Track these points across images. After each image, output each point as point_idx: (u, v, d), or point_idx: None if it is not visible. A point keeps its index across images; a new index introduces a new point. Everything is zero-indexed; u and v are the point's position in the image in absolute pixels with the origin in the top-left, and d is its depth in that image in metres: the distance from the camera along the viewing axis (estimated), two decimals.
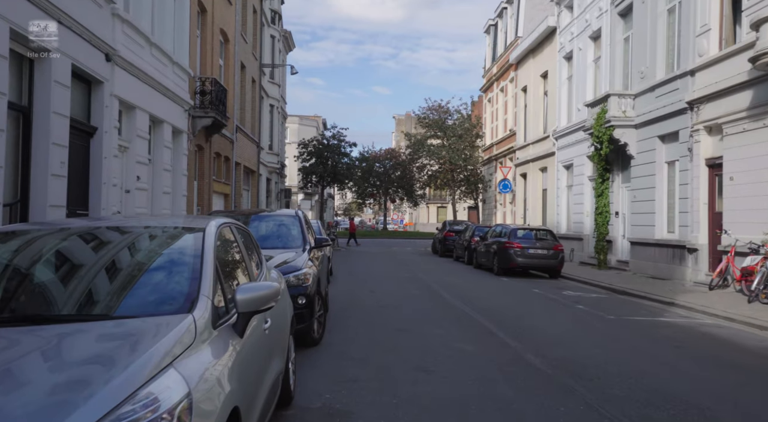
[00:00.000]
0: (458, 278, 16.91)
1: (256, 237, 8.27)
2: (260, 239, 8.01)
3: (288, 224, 8.31)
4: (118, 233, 3.61)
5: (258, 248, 4.71)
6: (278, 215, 8.77)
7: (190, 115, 16.20)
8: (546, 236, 17.90)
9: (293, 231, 8.13)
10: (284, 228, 8.31)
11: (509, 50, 32.19)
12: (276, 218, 8.67)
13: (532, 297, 12.65)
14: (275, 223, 8.48)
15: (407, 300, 11.61)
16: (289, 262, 7.06)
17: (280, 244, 7.91)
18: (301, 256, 7.36)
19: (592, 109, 19.40)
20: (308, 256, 7.51)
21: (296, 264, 6.98)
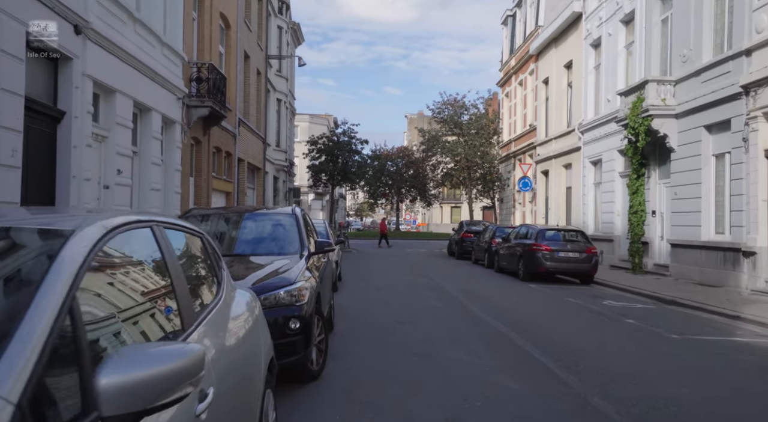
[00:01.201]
0: (481, 284, 15.27)
1: (243, 241, 6.75)
2: (248, 243, 6.47)
3: (282, 225, 6.74)
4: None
5: (217, 262, 3.13)
6: (271, 214, 7.20)
7: (185, 104, 14.70)
8: (577, 237, 16.20)
9: (289, 233, 6.56)
10: (278, 230, 6.75)
11: (529, 41, 30.47)
12: (268, 217, 7.10)
13: (570, 309, 10.98)
14: (267, 223, 6.91)
15: (427, 313, 10.01)
16: (281, 273, 5.49)
17: (272, 249, 6.35)
18: (296, 264, 5.79)
19: (625, 98, 17.67)
20: (306, 264, 5.94)
21: (289, 276, 5.40)
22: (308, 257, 6.23)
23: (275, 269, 5.61)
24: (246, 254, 6.18)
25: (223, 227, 6.70)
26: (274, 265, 5.75)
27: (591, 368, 6.16)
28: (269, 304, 5.04)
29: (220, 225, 6.72)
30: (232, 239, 6.54)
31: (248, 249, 6.32)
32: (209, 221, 6.74)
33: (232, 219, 6.79)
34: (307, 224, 7.53)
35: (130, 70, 11.29)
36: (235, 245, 6.43)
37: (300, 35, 37.26)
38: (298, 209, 7.12)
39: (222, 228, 6.70)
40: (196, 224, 6.91)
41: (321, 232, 14.09)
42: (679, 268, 15.73)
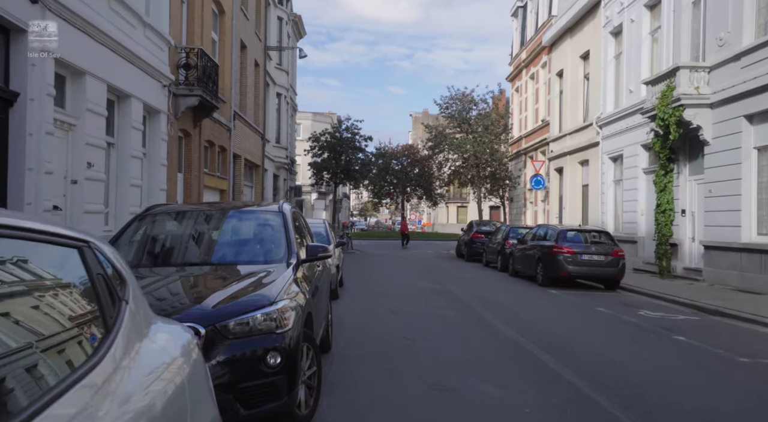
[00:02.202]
0: (496, 290, 13.89)
1: (214, 246, 5.36)
2: (220, 249, 5.13)
3: (267, 226, 5.41)
4: None
5: (114, 290, 1.78)
6: (253, 212, 5.83)
7: (171, 92, 13.38)
8: (602, 238, 14.80)
9: (274, 236, 5.23)
10: (261, 232, 5.42)
11: (541, 32, 29.05)
12: (249, 215, 5.73)
13: (604, 321, 9.59)
14: (247, 224, 5.56)
15: (439, 326, 8.65)
16: (259, 288, 4.16)
17: (251, 256, 5.02)
18: (281, 276, 4.46)
19: (652, 87, 16.27)
20: (293, 275, 4.60)
21: (268, 292, 4.06)
22: (297, 265, 4.89)
23: (252, 282, 4.28)
24: (217, 263, 4.85)
25: (191, 228, 5.36)
26: (251, 277, 4.42)
27: (663, 409, 4.78)
28: (240, 332, 3.72)
29: (188, 226, 5.38)
30: (200, 245, 5.20)
31: (220, 257, 4.99)
32: (173, 221, 5.40)
33: (203, 219, 5.44)
34: (300, 225, 6.20)
35: (104, 50, 9.98)
36: (203, 252, 5.09)
37: (302, 28, 35.94)
38: (288, 206, 5.78)
39: (190, 230, 5.36)
40: (156, 226, 5.63)
41: (320, 233, 12.77)
42: (713, 273, 14.33)
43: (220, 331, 3.62)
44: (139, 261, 4.79)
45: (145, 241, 5.06)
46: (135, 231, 5.07)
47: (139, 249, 4.96)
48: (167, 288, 4.05)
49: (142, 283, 4.16)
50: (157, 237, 5.17)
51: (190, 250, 5.10)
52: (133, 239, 5.03)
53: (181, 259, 4.95)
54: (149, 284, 4.11)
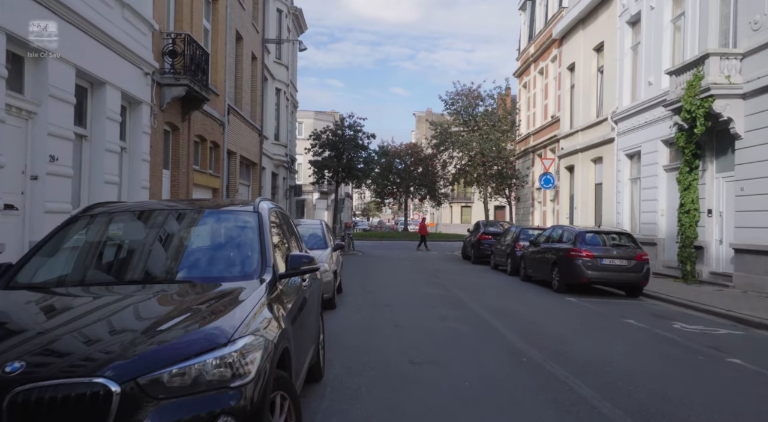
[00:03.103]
0: (509, 298, 12.73)
1: (166, 256, 3.92)
2: (173, 260, 3.98)
3: (235, 231, 4.26)
4: None
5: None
6: (220, 212, 4.62)
7: (155, 81, 12.25)
8: (624, 241, 13.63)
9: (243, 244, 4.07)
10: (227, 238, 4.26)
11: (551, 24, 27.86)
12: (216, 216, 4.53)
13: (638, 337, 8.41)
14: (211, 227, 4.38)
15: (451, 344, 7.49)
16: (213, 318, 3.00)
17: (212, 270, 3.87)
18: (248, 298, 3.33)
19: (677, 78, 15.08)
20: (265, 297, 3.46)
21: (224, 325, 2.91)
22: (273, 282, 3.75)
23: (207, 309, 3.13)
24: (166, 280, 3.70)
25: (139, 234, 4.20)
26: (208, 300, 3.27)
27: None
28: (179, 388, 2.56)
29: (135, 231, 4.21)
30: (147, 255, 4.02)
31: (171, 271, 3.83)
32: (117, 224, 4.22)
33: (157, 221, 4.26)
34: (285, 229, 5.06)
35: (72, 29, 8.85)
36: (149, 265, 3.92)
37: (302, 23, 34.81)
38: (267, 205, 4.63)
39: (137, 236, 4.20)
40: (93, 231, 4.46)
41: (317, 234, 11.68)
42: (746, 278, 13.14)
43: (146, 388, 2.48)
44: (62, 279, 3.65)
45: (76, 251, 3.91)
46: (64, 238, 3.92)
47: (66, 262, 3.82)
48: (80, 332, 2.85)
49: (47, 323, 3.03)
50: (92, 246, 4.02)
51: (132, 262, 3.94)
52: (61, 247, 3.89)
53: (119, 275, 3.80)
54: (56, 323, 2.96)
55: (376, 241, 42.58)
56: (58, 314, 3.09)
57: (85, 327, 2.86)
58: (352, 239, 29.35)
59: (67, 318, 3.01)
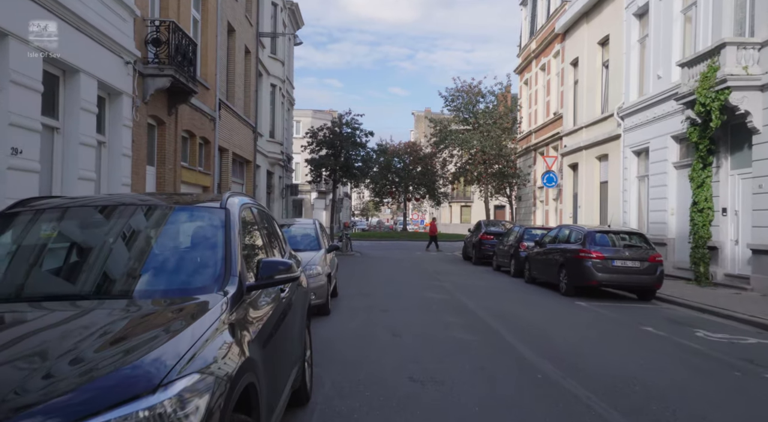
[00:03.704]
0: (514, 302, 11.98)
1: (106, 262, 3.18)
2: (115, 268, 3.21)
3: (195, 232, 3.48)
4: None
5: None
6: (178, 210, 3.78)
7: (137, 71, 11.48)
8: (636, 241, 12.88)
9: (204, 248, 3.31)
10: (185, 241, 3.47)
11: (553, 19, 27.12)
12: (168, 214, 3.69)
13: (661, 347, 7.65)
14: (165, 228, 3.55)
15: (456, 360, 6.73)
16: (144, 351, 2.21)
17: (161, 283, 3.08)
18: (198, 321, 2.55)
19: (689, 70, 14.35)
20: (224, 316, 2.70)
21: (156, 362, 2.13)
22: (238, 296, 2.98)
23: (140, 337, 2.36)
24: (100, 296, 2.91)
25: (75, 235, 3.40)
26: (143, 327, 2.50)
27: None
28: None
29: (70, 232, 3.41)
30: (79, 262, 3.22)
31: (109, 284, 3.04)
32: (49, 224, 3.41)
33: (95, 220, 3.47)
34: (262, 229, 4.29)
35: (39, 10, 8.08)
36: (77, 275, 3.12)
37: (299, 18, 34.04)
38: (238, 200, 3.86)
39: (73, 237, 3.40)
40: (17, 232, 3.59)
41: (310, 235, 10.92)
42: (764, 281, 12.42)
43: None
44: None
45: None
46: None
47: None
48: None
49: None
50: (14, 250, 3.24)
51: (59, 272, 3.16)
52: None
53: (35, 287, 3.03)
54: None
55: (375, 241, 41.84)
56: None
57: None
58: (350, 240, 28.60)
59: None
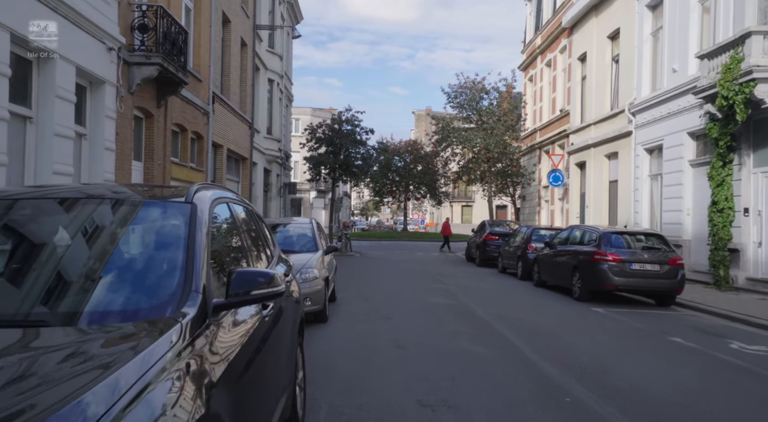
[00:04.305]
0: (526, 308, 11.19)
1: (35, 274, 2.45)
2: (44, 283, 2.37)
3: (145, 235, 2.68)
4: None
5: None
6: (128, 205, 2.87)
7: (122, 59, 10.69)
8: (655, 243, 12.10)
9: (153, 259, 2.51)
10: (132, 248, 2.65)
11: (560, 13, 26.33)
12: (116, 211, 2.79)
13: (696, 361, 6.87)
14: (105, 230, 2.70)
15: (469, 377, 5.94)
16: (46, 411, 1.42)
17: (101, 304, 2.27)
18: (130, 364, 1.73)
19: (710, 61, 13.56)
20: (167, 357, 1.91)
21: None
22: (200, 319, 2.20)
23: (37, 391, 1.57)
24: (23, 321, 2.10)
25: (5, 239, 2.59)
26: (53, 373, 1.71)
27: None
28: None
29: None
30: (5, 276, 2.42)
31: (21, 305, 2.23)
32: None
33: (21, 217, 2.64)
34: (243, 230, 3.51)
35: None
36: (5, 295, 2.30)
37: (298, 13, 33.23)
38: (210, 194, 3.07)
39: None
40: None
41: (305, 235, 10.15)
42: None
43: None
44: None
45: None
46: None
47: None
48: None
49: None
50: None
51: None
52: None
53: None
54: None
55: (375, 241, 41.07)
56: None
57: None
58: (349, 240, 27.82)
59: None
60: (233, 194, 3.73)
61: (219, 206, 3.15)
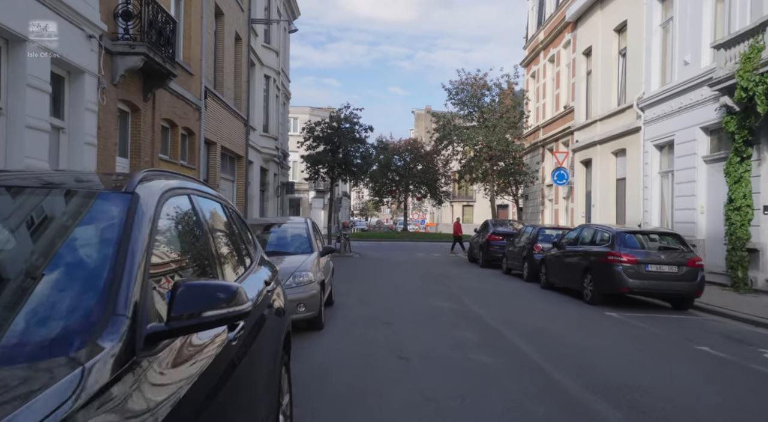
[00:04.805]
0: (536, 313, 10.51)
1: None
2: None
3: (62, 237, 1.99)
4: None
5: None
6: (43, 194, 2.20)
7: (103, 47, 9.99)
8: (671, 243, 11.42)
9: (68, 271, 1.83)
10: (42, 255, 1.96)
11: (564, 6, 25.66)
12: (22, 201, 2.12)
13: (731, 375, 6.19)
14: (14, 233, 2.07)
15: (482, 396, 5.27)
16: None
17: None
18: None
19: (727, 51, 12.90)
20: (70, 414, 1.17)
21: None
22: (123, 357, 1.53)
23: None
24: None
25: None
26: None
27: None
28: None
29: None
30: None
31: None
32: None
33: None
34: (214, 231, 2.85)
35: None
36: None
37: (295, 8, 32.53)
38: (164, 183, 2.41)
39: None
40: None
41: (300, 236, 9.50)
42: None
43: None
44: None
45: None
46: None
47: None
48: None
49: None
50: None
51: None
52: None
53: None
54: None
55: (375, 242, 40.39)
56: None
57: None
58: (348, 240, 27.15)
59: None
60: (200, 186, 3.05)
61: (175, 199, 2.47)
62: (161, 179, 2.47)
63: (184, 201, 2.62)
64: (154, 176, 2.45)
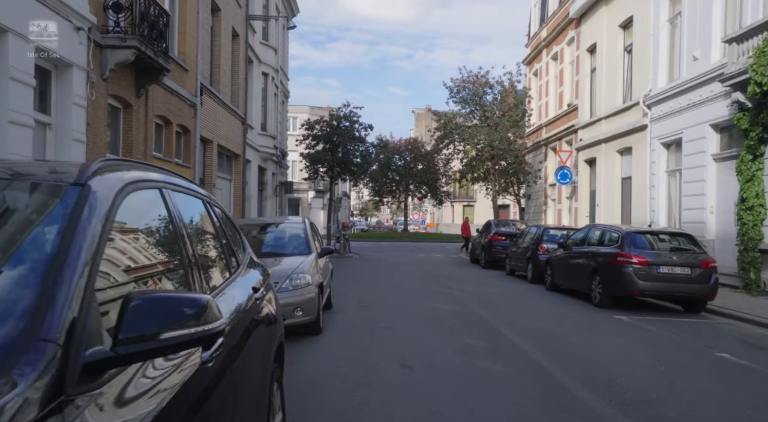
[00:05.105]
0: (543, 317, 10.10)
1: None
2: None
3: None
4: None
5: None
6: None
7: (92, 40, 9.60)
8: (684, 244, 11.02)
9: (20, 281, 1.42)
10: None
11: (567, 3, 25.24)
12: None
13: (759, 386, 5.80)
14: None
15: (491, 410, 4.87)
16: None
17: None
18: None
19: (739, 46, 12.49)
20: None
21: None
22: (46, 398, 1.10)
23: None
24: None
25: None
26: None
27: None
28: None
29: None
30: None
31: None
32: None
33: None
34: (202, 234, 2.46)
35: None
36: None
37: (294, 5, 32.13)
38: (129, 175, 2.02)
39: None
40: None
41: (298, 236, 9.10)
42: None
43: None
44: None
45: None
46: None
47: None
48: None
49: None
50: None
51: None
52: None
53: None
54: None
55: (374, 242, 40.00)
56: None
57: None
58: (348, 241, 26.75)
59: None
60: (176, 179, 2.64)
61: (141, 193, 2.06)
62: (124, 169, 2.07)
63: (153, 196, 2.22)
64: (117, 165, 2.04)
